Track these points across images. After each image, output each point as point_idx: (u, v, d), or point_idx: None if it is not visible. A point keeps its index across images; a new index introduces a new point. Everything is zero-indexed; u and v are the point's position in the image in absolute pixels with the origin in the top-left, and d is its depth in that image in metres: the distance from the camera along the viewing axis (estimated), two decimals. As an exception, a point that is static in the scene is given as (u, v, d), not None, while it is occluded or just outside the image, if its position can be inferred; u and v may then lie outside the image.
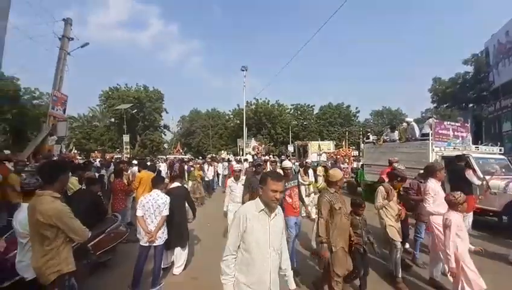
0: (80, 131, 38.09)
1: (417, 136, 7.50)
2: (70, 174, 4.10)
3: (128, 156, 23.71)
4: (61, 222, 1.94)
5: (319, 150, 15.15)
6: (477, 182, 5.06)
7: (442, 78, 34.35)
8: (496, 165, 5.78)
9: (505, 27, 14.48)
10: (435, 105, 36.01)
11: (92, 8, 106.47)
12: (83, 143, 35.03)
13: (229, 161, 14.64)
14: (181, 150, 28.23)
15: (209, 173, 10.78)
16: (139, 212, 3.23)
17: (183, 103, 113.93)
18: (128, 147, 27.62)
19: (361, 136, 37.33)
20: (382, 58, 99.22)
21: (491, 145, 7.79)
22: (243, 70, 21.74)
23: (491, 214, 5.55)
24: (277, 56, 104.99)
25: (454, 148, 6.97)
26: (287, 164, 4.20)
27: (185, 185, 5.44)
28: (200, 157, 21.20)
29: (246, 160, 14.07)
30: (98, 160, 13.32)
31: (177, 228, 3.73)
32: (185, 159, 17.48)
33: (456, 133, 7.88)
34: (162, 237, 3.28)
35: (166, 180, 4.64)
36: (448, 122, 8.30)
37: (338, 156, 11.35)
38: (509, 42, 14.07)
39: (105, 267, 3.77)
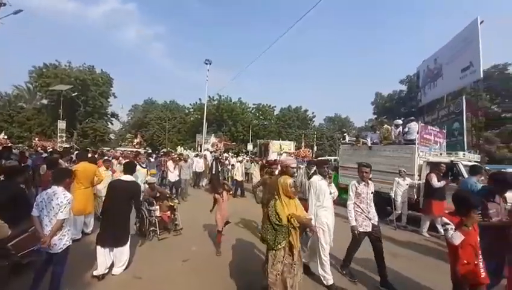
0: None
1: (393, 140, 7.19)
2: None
3: (63, 145, 20.34)
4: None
5: (280, 149, 15.62)
6: (436, 185, 5.25)
7: (382, 93, 39.62)
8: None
9: (434, 55, 16.80)
10: (375, 116, 41.19)
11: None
12: (3, 127, 28.65)
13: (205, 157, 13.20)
14: (141, 141, 24.44)
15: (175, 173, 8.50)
16: (34, 212, 2.66)
17: (137, 90, 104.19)
18: (63, 135, 23.66)
19: (315, 139, 40.18)
20: (338, 68, 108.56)
21: (472, 153, 7.95)
22: (206, 63, 20.87)
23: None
24: (242, 54, 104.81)
25: (441, 154, 6.93)
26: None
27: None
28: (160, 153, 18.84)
29: (205, 156, 13.56)
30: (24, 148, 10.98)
31: (116, 227, 3.33)
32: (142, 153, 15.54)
33: (435, 139, 7.66)
34: (59, 244, 2.66)
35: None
36: (431, 128, 7.98)
37: (299, 157, 11.84)
38: (436, 68, 16.49)
39: (31, 269, 3.09)
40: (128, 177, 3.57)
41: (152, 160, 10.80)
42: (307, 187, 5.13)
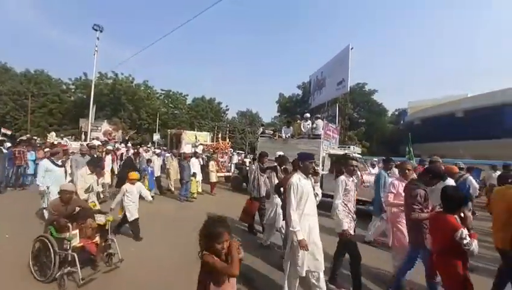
0: None
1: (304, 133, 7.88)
2: None
3: None
4: None
5: (195, 140, 14.40)
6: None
7: (285, 94, 45.32)
8: (361, 163, 6.66)
9: (321, 68, 20.12)
10: (279, 114, 46.55)
11: None
12: None
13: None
14: None
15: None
16: None
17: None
18: None
19: (228, 132, 40.86)
20: (252, 67, 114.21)
21: (357, 147, 9.30)
22: (96, 29, 16.39)
23: (362, 203, 5.97)
24: (151, 31, 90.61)
25: (339, 147, 7.91)
26: None
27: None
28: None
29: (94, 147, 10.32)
30: None
31: None
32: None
33: (333, 135, 8.72)
34: None
35: None
36: (330, 125, 8.95)
37: (217, 149, 11.21)
38: (322, 79, 19.97)
39: None
40: None
41: (5, 151, 7.52)
42: (261, 183, 4.79)
